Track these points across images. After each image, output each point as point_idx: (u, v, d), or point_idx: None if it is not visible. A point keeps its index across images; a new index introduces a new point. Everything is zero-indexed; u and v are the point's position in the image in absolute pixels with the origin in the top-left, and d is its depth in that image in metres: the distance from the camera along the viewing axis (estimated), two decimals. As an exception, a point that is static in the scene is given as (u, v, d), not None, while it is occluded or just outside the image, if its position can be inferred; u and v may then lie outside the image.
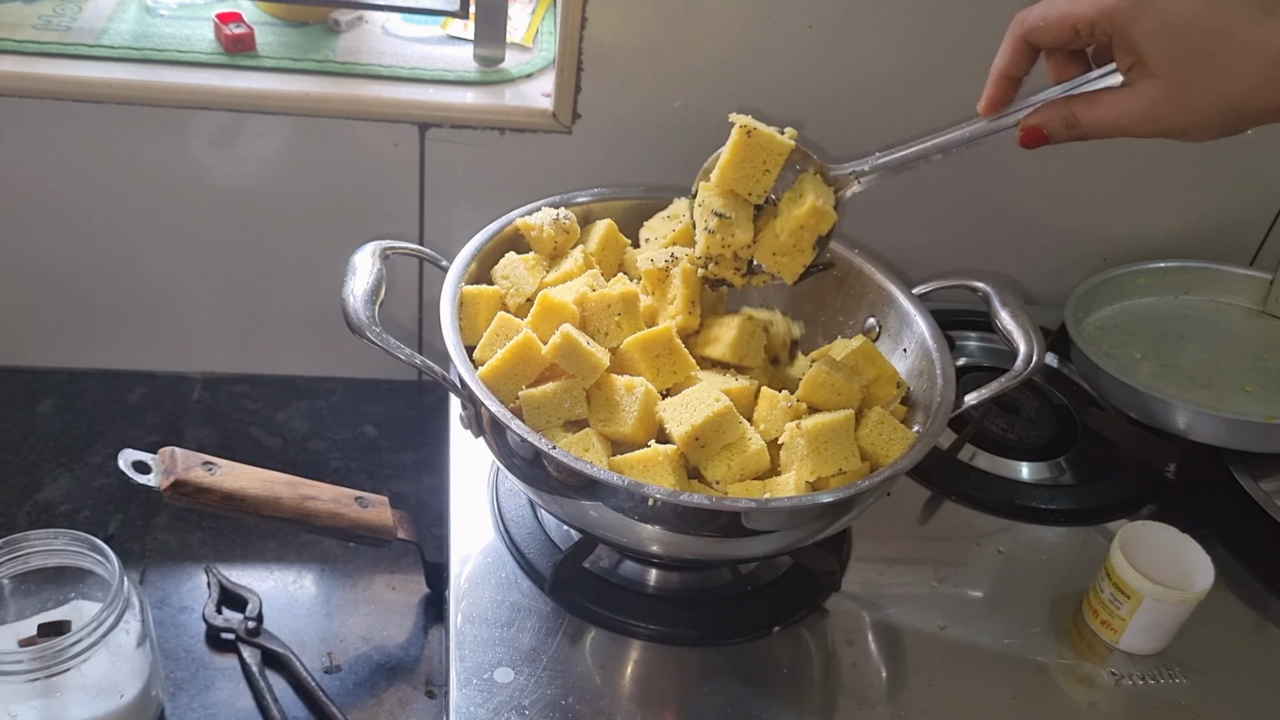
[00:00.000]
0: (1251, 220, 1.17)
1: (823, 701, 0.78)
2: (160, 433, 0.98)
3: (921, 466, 0.96)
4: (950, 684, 0.79)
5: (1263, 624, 0.89)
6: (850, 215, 0.98)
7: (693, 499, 0.66)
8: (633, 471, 0.71)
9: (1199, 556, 0.82)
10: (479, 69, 0.99)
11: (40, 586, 0.72)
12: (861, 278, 0.88)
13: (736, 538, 0.71)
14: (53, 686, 0.66)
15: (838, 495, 0.69)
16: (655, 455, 0.71)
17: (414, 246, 0.81)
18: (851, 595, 0.85)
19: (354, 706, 0.76)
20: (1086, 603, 0.85)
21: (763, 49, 0.96)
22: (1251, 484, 0.93)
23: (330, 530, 0.79)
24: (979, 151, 1.07)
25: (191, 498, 0.75)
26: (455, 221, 1.01)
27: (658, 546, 0.74)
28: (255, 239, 1.01)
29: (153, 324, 1.04)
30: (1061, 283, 1.12)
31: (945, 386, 0.78)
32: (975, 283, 0.84)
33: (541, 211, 0.84)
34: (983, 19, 0.97)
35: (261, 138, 0.95)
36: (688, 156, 0.98)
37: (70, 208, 0.96)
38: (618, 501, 0.68)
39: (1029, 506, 0.95)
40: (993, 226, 1.13)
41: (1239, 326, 1.11)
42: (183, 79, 0.92)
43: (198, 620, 0.81)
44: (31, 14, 0.95)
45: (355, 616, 0.83)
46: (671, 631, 0.80)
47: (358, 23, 1.02)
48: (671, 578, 0.84)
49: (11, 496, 0.89)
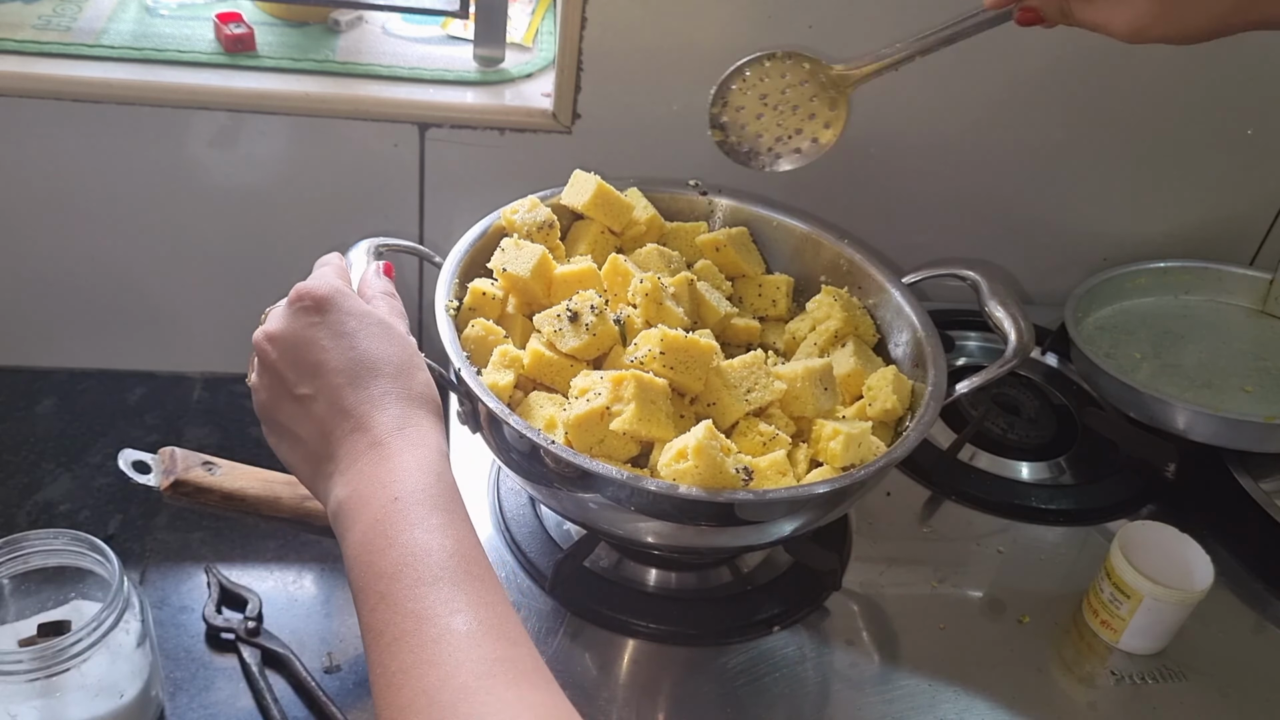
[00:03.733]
0: (1251, 220, 1.17)
1: (822, 701, 0.78)
2: (160, 433, 0.98)
3: (921, 466, 0.96)
4: (950, 684, 0.79)
5: (1263, 624, 0.89)
6: (850, 214, 0.98)
7: (690, 491, 0.66)
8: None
9: (1199, 556, 0.82)
10: (479, 69, 0.99)
11: (40, 586, 0.72)
12: (852, 268, 0.88)
13: (732, 527, 0.71)
14: (53, 686, 0.66)
15: (832, 485, 0.69)
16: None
17: (406, 243, 0.81)
18: (851, 595, 0.85)
19: (354, 706, 0.76)
20: (1086, 603, 0.85)
21: (762, 49, 0.96)
22: (1251, 484, 0.93)
23: (330, 530, 0.79)
24: (979, 151, 1.07)
25: (191, 498, 0.75)
26: (455, 221, 1.01)
27: (655, 538, 0.74)
28: (255, 239, 1.01)
29: (153, 324, 1.04)
30: (1061, 283, 1.12)
31: (937, 375, 0.78)
32: (964, 271, 0.84)
33: (522, 212, 0.84)
34: (982, 19, 0.97)
35: (261, 138, 0.95)
36: (687, 157, 0.99)
37: (70, 208, 0.96)
38: (615, 493, 0.68)
39: (1029, 506, 0.95)
40: (992, 226, 1.13)
41: (1239, 326, 1.11)
42: (183, 79, 0.92)
43: (198, 620, 0.81)
44: (31, 14, 0.95)
45: (355, 616, 0.83)
46: (671, 631, 0.80)
47: (358, 23, 1.02)
48: (671, 577, 0.84)
49: (11, 496, 0.89)
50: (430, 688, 0.49)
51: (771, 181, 0.85)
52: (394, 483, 0.57)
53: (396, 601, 0.52)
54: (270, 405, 0.64)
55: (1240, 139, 1.09)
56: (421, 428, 0.60)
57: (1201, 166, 1.11)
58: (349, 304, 0.63)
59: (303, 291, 0.63)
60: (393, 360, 0.62)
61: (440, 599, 0.52)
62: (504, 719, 0.47)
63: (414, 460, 0.58)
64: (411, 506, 0.56)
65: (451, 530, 0.56)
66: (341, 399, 0.60)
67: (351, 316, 0.63)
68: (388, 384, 0.61)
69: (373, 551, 0.55)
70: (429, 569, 0.53)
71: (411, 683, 0.50)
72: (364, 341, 0.62)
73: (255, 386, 0.65)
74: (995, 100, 1.02)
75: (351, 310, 0.63)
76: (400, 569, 0.53)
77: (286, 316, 0.63)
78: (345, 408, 0.60)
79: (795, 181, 0.86)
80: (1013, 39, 0.98)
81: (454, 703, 0.48)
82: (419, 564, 0.53)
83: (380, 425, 0.59)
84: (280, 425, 0.64)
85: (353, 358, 0.61)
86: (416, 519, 0.55)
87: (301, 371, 0.61)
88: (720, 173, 0.93)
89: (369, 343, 0.62)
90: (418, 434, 0.60)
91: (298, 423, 0.62)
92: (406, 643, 0.51)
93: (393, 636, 0.51)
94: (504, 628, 0.52)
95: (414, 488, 0.57)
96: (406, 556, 0.54)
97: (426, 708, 0.48)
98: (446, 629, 0.51)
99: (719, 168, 0.86)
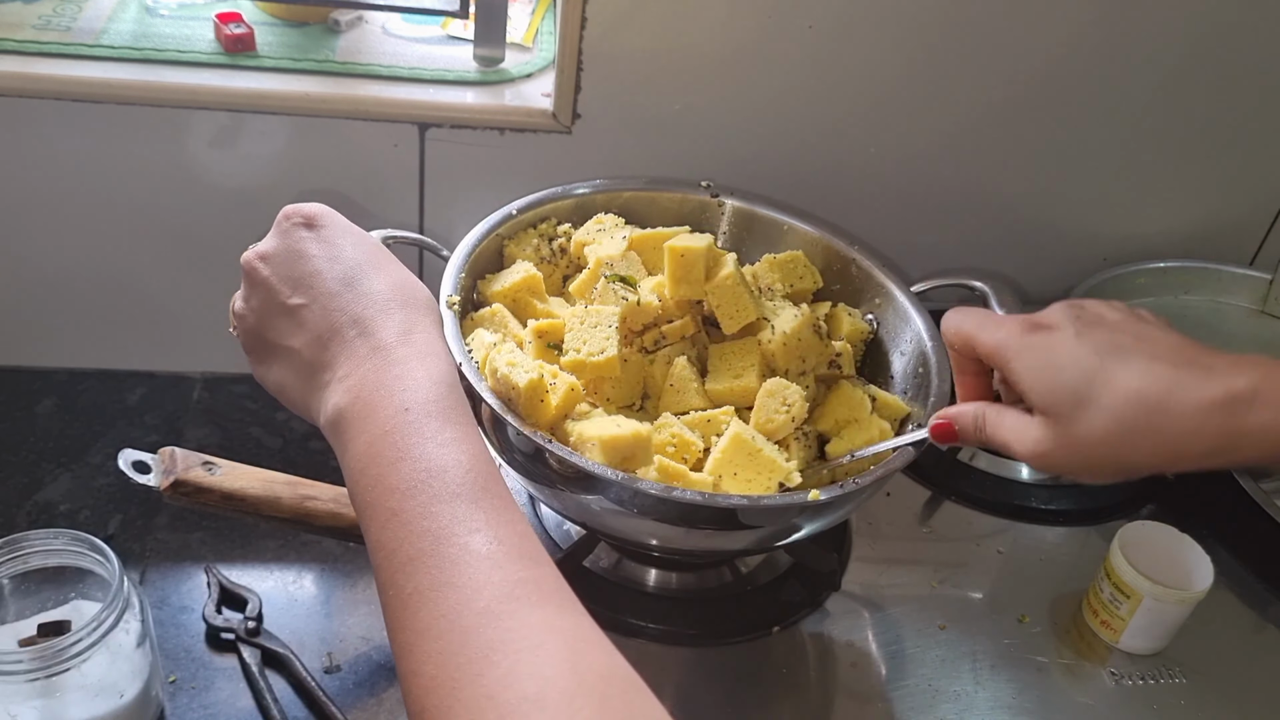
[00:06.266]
0: (1251, 220, 1.17)
1: (822, 701, 0.78)
2: (160, 433, 0.98)
3: (921, 466, 0.96)
4: (950, 684, 0.79)
5: (1263, 624, 0.89)
6: (850, 214, 0.98)
7: (685, 494, 0.66)
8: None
9: (1199, 556, 0.82)
10: (479, 69, 0.99)
11: (40, 586, 0.72)
12: (860, 273, 0.88)
13: (732, 531, 0.71)
14: (52, 686, 0.66)
15: (831, 494, 0.69)
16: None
17: (415, 235, 0.81)
18: (851, 595, 0.85)
19: (354, 706, 0.76)
20: (1086, 603, 0.85)
21: (763, 49, 0.96)
22: (1251, 484, 0.93)
23: (330, 530, 0.79)
24: (979, 151, 1.07)
25: (191, 498, 0.75)
26: (455, 221, 1.01)
27: (656, 540, 0.74)
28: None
29: (153, 324, 1.04)
30: (1061, 283, 1.12)
31: (940, 384, 0.78)
32: (974, 282, 0.84)
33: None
34: (983, 18, 0.97)
35: (261, 138, 0.95)
36: (688, 157, 0.99)
37: (70, 208, 0.96)
38: (616, 495, 0.68)
39: (1029, 506, 0.95)
40: (993, 226, 1.13)
41: (1239, 326, 1.11)
42: (183, 79, 0.92)
43: (198, 620, 0.81)
44: (31, 14, 0.95)
45: (355, 616, 0.83)
46: (671, 631, 0.80)
47: (358, 23, 1.02)
48: (671, 577, 0.84)
49: (11, 496, 0.89)
50: (450, 610, 0.47)
51: (779, 183, 0.85)
52: (403, 391, 0.54)
53: (410, 519, 0.50)
54: (260, 324, 0.61)
55: (1240, 139, 1.09)
56: (428, 334, 0.58)
57: (1201, 166, 1.11)
58: (340, 221, 0.61)
59: (291, 211, 0.60)
60: (390, 272, 0.60)
61: (458, 517, 0.50)
62: (529, 644, 0.45)
63: (423, 370, 0.55)
64: (423, 419, 0.53)
65: (466, 445, 0.53)
66: (339, 302, 0.58)
67: (346, 232, 0.60)
68: (387, 289, 0.58)
69: (382, 464, 0.52)
70: (445, 485, 0.51)
71: (429, 605, 0.47)
72: (359, 252, 0.59)
73: (241, 312, 0.62)
74: (995, 100, 1.02)
75: (344, 227, 0.61)
76: (414, 485, 0.51)
77: (276, 234, 0.61)
78: (344, 310, 0.57)
79: (796, 180, 0.86)
80: (1013, 39, 0.98)
81: (476, 626, 0.46)
82: (434, 480, 0.51)
83: (384, 330, 0.57)
84: (270, 344, 0.61)
85: (348, 267, 0.59)
86: (430, 432, 0.53)
87: (296, 282, 0.59)
88: (723, 174, 0.93)
89: (364, 253, 0.59)
90: (425, 341, 0.57)
91: (290, 335, 0.59)
92: (423, 563, 0.48)
93: (407, 556, 0.49)
94: (524, 547, 0.50)
95: (425, 398, 0.54)
96: (420, 472, 0.51)
97: (446, 631, 0.46)
98: (465, 549, 0.48)
99: (721, 168, 0.87)
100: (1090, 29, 0.99)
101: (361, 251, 0.60)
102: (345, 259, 0.59)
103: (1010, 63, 1.01)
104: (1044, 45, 0.99)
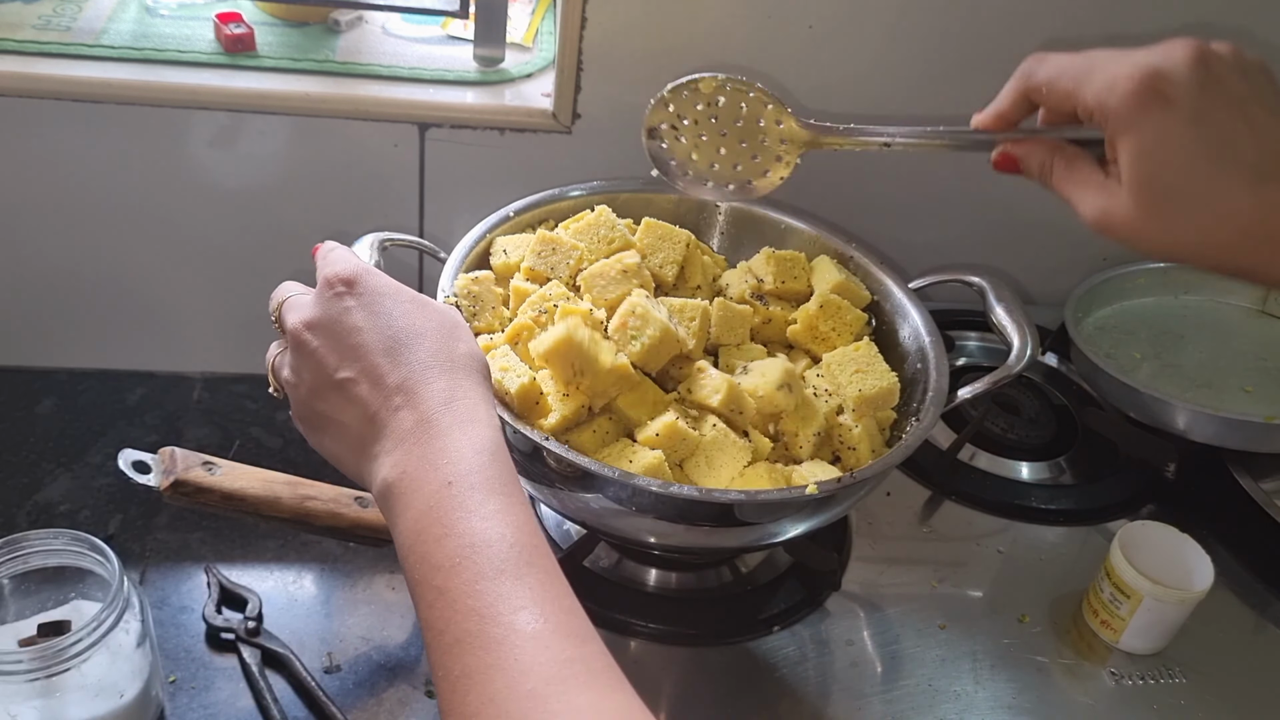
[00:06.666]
0: (1251, 220, 1.17)
1: (822, 701, 0.78)
2: (160, 433, 0.98)
3: (921, 466, 0.96)
4: (950, 684, 0.79)
5: (1263, 624, 0.89)
6: (850, 214, 0.98)
7: (682, 490, 0.66)
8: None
9: (1199, 556, 0.82)
10: (479, 69, 0.99)
11: (40, 586, 0.72)
12: (859, 271, 0.88)
13: (730, 528, 0.71)
14: (52, 686, 0.66)
15: (828, 490, 0.69)
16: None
17: (411, 238, 0.81)
18: (851, 595, 0.85)
19: (354, 706, 0.76)
20: (1086, 603, 0.85)
21: (763, 49, 0.96)
22: (1251, 484, 0.93)
23: (330, 530, 0.79)
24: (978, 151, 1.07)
25: (191, 498, 0.75)
26: (455, 221, 1.01)
27: (655, 537, 0.74)
28: (255, 239, 1.01)
29: (153, 324, 1.04)
30: (1061, 283, 1.12)
31: (939, 379, 0.78)
32: (971, 278, 0.84)
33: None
34: (983, 19, 0.97)
35: (261, 138, 0.95)
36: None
37: (70, 208, 0.96)
38: (615, 493, 0.68)
39: (1029, 506, 0.95)
40: (993, 226, 1.13)
41: (1239, 326, 1.12)
42: (183, 79, 0.92)
43: (198, 620, 0.81)
44: (31, 14, 0.95)
45: (355, 616, 0.83)
46: (671, 631, 0.80)
47: (358, 23, 1.02)
48: (671, 577, 0.84)
49: (11, 496, 0.89)
50: (497, 694, 0.46)
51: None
52: (446, 464, 0.54)
53: (456, 598, 0.49)
54: (311, 396, 0.61)
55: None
56: (470, 399, 0.58)
57: (1201, 166, 1.11)
58: (378, 281, 0.61)
59: (331, 276, 0.61)
60: (431, 330, 0.60)
61: (502, 595, 0.49)
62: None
63: (465, 439, 0.55)
64: (466, 491, 0.53)
65: (509, 516, 0.53)
66: (384, 376, 0.58)
67: (384, 294, 0.61)
68: (429, 356, 0.59)
69: (428, 542, 0.52)
70: (489, 562, 0.50)
71: (477, 689, 0.47)
72: (400, 316, 0.60)
73: (292, 383, 0.62)
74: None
75: (382, 288, 0.61)
76: (458, 562, 0.50)
77: (320, 303, 0.61)
78: (388, 385, 0.58)
79: (796, 180, 0.86)
80: (1013, 40, 0.98)
81: (524, 711, 0.45)
82: (478, 556, 0.50)
83: (427, 400, 0.57)
84: (321, 416, 0.61)
85: (391, 334, 0.59)
86: (473, 505, 0.52)
87: (343, 355, 0.59)
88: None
89: (405, 317, 0.60)
90: (466, 408, 0.57)
91: (341, 409, 0.59)
92: (469, 644, 0.48)
93: (454, 637, 0.49)
94: (571, 624, 0.49)
95: (467, 469, 0.54)
96: (464, 548, 0.51)
97: (495, 717, 0.46)
98: (511, 628, 0.48)
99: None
100: (1091, 27, 0.99)
101: (401, 311, 0.61)
102: (388, 325, 0.60)
103: (1010, 61, 1.00)
104: (1044, 43, 0.99)
